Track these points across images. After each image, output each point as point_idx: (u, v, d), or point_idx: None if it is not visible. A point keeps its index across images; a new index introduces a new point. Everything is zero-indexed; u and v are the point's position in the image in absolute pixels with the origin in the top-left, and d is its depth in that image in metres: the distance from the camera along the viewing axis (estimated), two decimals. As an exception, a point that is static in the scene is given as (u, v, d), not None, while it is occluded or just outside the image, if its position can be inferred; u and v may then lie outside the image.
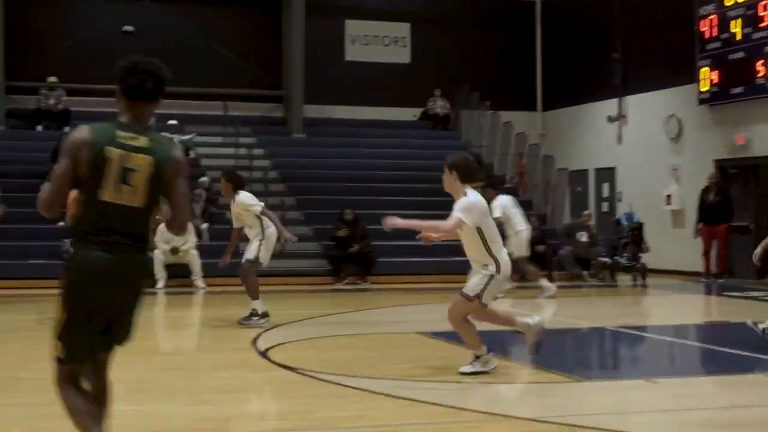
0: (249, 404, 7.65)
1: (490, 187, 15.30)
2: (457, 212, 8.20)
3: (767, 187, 20.10)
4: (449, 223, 8.25)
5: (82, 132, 4.61)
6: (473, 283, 8.25)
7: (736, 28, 20.18)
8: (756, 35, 19.69)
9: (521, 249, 15.38)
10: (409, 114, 26.74)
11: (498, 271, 8.22)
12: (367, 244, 19.17)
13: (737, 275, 19.84)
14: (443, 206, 16.21)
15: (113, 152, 4.57)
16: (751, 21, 19.80)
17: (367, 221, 19.63)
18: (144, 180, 4.64)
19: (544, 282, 16.19)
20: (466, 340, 8.44)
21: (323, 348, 10.62)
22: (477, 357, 8.27)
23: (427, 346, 10.60)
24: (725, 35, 20.48)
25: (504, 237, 14.88)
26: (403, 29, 27.20)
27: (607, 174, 24.40)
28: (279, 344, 10.51)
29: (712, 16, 20.86)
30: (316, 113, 25.85)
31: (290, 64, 25.47)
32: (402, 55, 27.16)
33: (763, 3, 19.51)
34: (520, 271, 15.80)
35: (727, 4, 20.43)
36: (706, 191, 20.09)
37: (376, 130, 25.99)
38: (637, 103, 23.68)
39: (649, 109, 23.14)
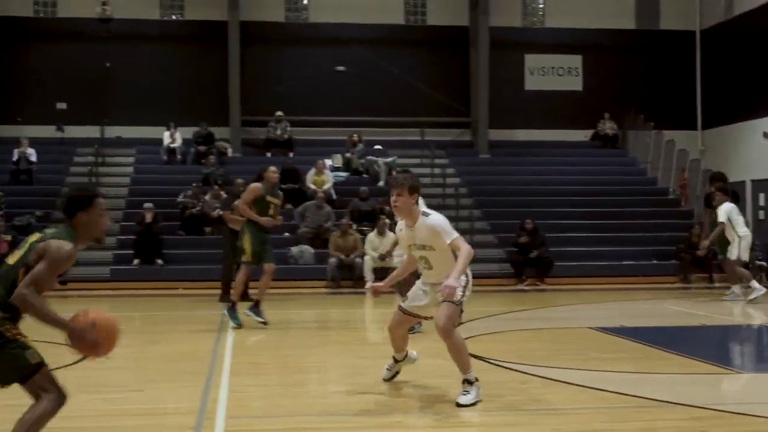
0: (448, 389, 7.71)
1: (722, 192, 14.89)
2: (450, 234, 6.79)
3: None
4: (464, 247, 6.75)
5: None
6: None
7: None
8: None
9: (744, 253, 14.86)
10: (582, 135, 26.52)
11: (467, 280, 7.00)
12: (545, 250, 19.14)
13: None
14: (610, 216, 16.07)
15: None
16: None
17: (545, 230, 19.62)
18: None
19: (753, 283, 14.83)
20: (460, 359, 6.81)
21: (507, 340, 10.67)
22: (470, 382, 6.74)
23: (599, 340, 10.53)
24: None
25: (727, 242, 14.72)
26: (575, 61, 27.04)
27: (763, 185, 23.46)
28: (470, 337, 10.61)
29: None
30: (500, 136, 25.96)
31: (477, 93, 25.72)
32: (575, 83, 26.99)
33: None
34: (737, 273, 15.08)
35: None
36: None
37: (552, 149, 25.81)
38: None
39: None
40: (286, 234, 19.95)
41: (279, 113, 24.42)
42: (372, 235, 18.70)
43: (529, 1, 27.22)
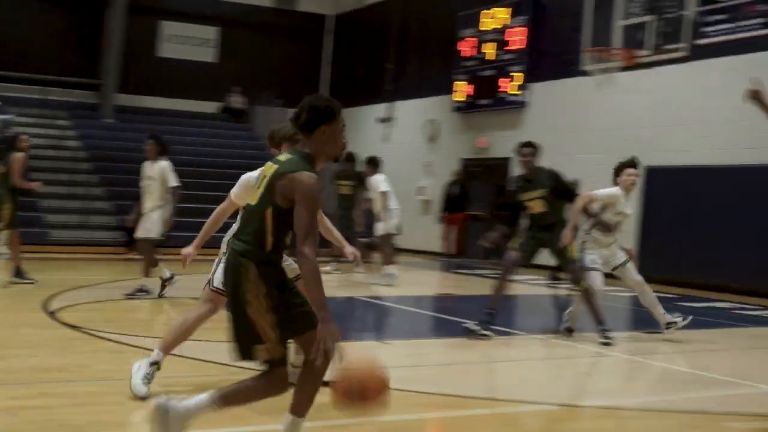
0: (34, 358, 7.32)
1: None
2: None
3: (501, 182, 20.98)
4: None
5: None
6: None
7: (489, 50, 20.96)
8: (503, 57, 20.50)
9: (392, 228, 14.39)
10: (212, 107, 26.64)
11: None
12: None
13: (471, 256, 20.56)
14: (224, 188, 16.24)
15: None
16: (501, 45, 20.60)
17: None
18: None
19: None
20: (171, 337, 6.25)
21: (107, 310, 10.42)
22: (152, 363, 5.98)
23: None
24: (480, 55, 21.23)
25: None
26: (212, 32, 26.98)
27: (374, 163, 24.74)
28: (69, 306, 10.29)
29: (469, 38, 21.58)
30: (129, 102, 25.30)
31: (108, 56, 24.82)
32: (209, 54, 26.96)
33: (509, 30, 20.36)
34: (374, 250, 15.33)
35: (483, 28, 21.17)
36: (450, 185, 20.82)
37: (181, 119, 25.61)
38: (404, 108, 24.26)
39: (412, 114, 23.74)
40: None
41: None
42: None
43: (167, -33, 26.80)
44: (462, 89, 21.60)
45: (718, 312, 12.50)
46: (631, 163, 9.23)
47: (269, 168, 4.31)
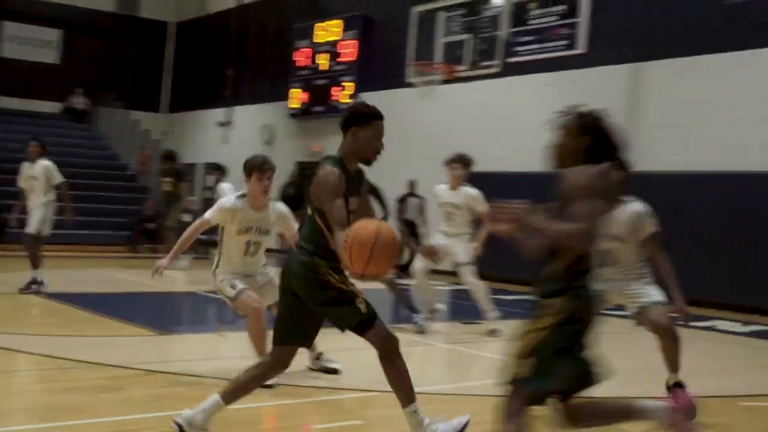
0: None
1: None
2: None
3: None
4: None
5: None
6: None
7: (322, 60, 20.90)
8: (336, 67, 20.49)
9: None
10: (54, 107, 25.50)
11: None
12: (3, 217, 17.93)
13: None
14: (71, 187, 15.45)
15: None
16: (334, 56, 20.59)
17: (5, 197, 18.42)
18: None
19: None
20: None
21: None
22: None
23: (41, 306, 10.03)
24: (314, 65, 21.15)
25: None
26: (54, 34, 25.87)
27: (214, 168, 24.29)
28: None
29: (304, 49, 21.47)
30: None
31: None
32: (51, 56, 25.84)
33: (343, 42, 20.37)
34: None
35: (317, 41, 21.10)
36: (286, 186, 20.61)
37: (23, 118, 24.34)
38: (243, 113, 23.91)
39: (251, 118, 23.41)
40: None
41: None
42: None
43: (9, -33, 25.49)
44: (297, 97, 21.46)
45: (528, 304, 12.76)
46: (455, 159, 9.30)
47: None
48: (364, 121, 4.53)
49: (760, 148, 12.74)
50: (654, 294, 5.72)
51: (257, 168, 6.22)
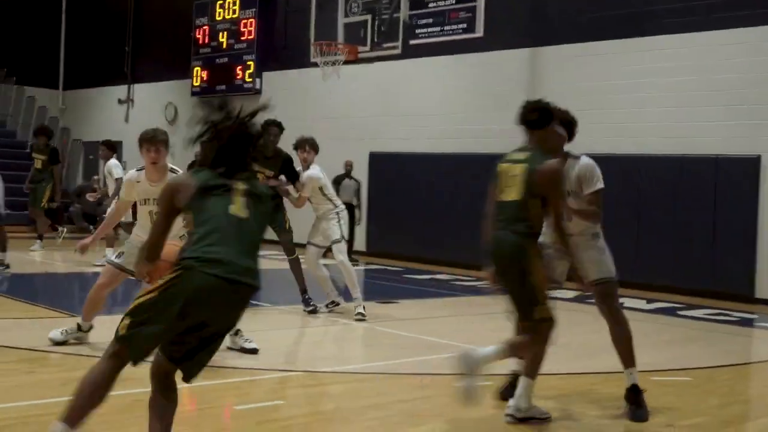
0: None
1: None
2: None
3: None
4: None
5: None
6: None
7: (223, 38, 20.71)
8: (238, 46, 20.34)
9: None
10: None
11: None
12: None
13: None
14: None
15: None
16: (235, 35, 20.42)
17: None
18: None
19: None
20: None
21: None
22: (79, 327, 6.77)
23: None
24: (215, 43, 20.93)
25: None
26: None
27: (113, 147, 23.81)
28: None
29: (205, 27, 21.21)
30: None
31: None
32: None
33: (243, 21, 20.21)
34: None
35: (218, 18, 20.88)
36: (192, 165, 20.39)
37: None
38: (144, 91, 23.50)
39: (153, 96, 23.03)
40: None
41: None
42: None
43: None
44: (199, 74, 21.22)
45: (439, 283, 13.05)
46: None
47: (512, 167, 4.90)
48: (551, 119, 5.14)
49: (655, 131, 13.31)
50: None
51: (143, 141, 6.43)
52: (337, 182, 14.99)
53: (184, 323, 3.42)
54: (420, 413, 5.25)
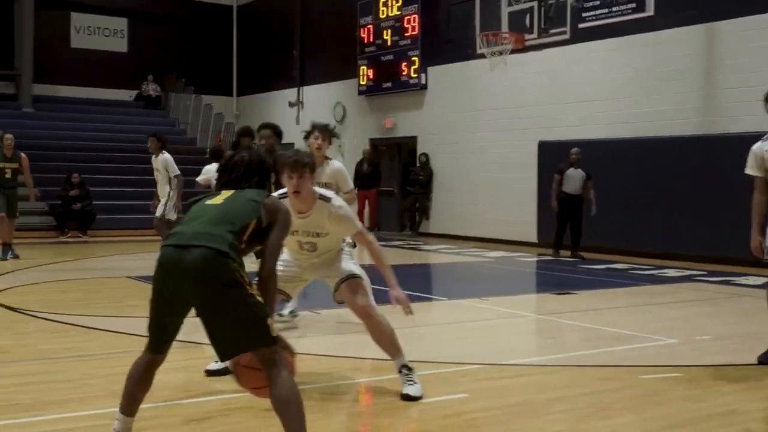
0: None
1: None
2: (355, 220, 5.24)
3: (407, 159, 21.00)
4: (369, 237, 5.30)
5: None
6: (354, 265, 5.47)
7: (387, 36, 20.89)
8: (402, 42, 20.47)
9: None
10: (126, 95, 25.97)
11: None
12: (89, 203, 18.46)
13: (384, 229, 20.63)
14: (146, 172, 15.63)
15: None
16: (399, 31, 20.56)
17: (90, 184, 18.94)
18: None
19: None
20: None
21: (44, 291, 10.08)
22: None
23: (135, 288, 10.34)
24: (379, 41, 21.15)
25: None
26: (121, 23, 26.30)
27: (286, 148, 24.51)
28: (6, 288, 9.92)
29: (369, 26, 21.46)
30: (45, 91, 24.52)
31: (21, 47, 23.92)
32: (120, 44, 26.25)
33: (406, 17, 20.32)
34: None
35: (381, 17, 21.09)
36: (361, 163, 20.73)
37: (97, 107, 24.83)
38: (313, 92, 24.05)
39: (321, 97, 23.54)
40: None
41: None
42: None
43: (77, -40, 25.98)
44: (365, 73, 21.51)
45: (617, 273, 12.65)
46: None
47: None
48: None
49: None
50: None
51: (284, 166, 4.95)
52: (560, 172, 14.55)
53: (164, 304, 3.76)
54: (609, 406, 5.06)
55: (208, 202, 3.97)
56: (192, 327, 4.08)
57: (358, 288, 5.26)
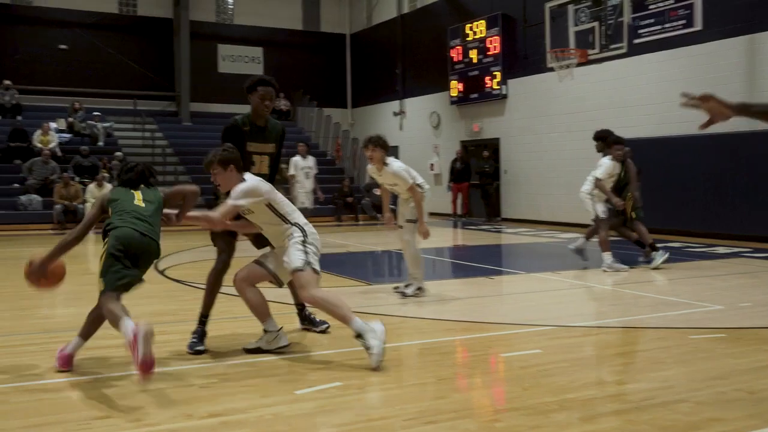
0: (151, 306, 7.29)
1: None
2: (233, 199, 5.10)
3: (492, 158, 20.86)
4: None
5: None
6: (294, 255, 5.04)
7: (473, 55, 20.78)
8: (486, 60, 20.32)
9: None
10: (263, 109, 26.58)
11: (305, 235, 5.12)
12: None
13: (474, 215, 20.58)
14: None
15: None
16: (483, 51, 20.42)
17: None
18: None
19: None
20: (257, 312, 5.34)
21: (203, 267, 10.37)
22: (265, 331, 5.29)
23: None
24: (467, 59, 21.05)
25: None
26: (257, 51, 26.87)
27: (393, 151, 24.66)
28: (174, 265, 10.33)
29: (458, 47, 21.38)
30: (200, 108, 25.30)
31: (179, 73, 24.78)
32: (257, 69, 26.85)
33: (489, 38, 20.15)
34: None
35: (468, 39, 20.98)
36: (454, 161, 20.69)
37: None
38: (412, 103, 24.10)
39: (419, 107, 23.57)
40: (15, 185, 18.35)
41: (7, 82, 22.07)
42: (92, 186, 17.56)
43: (221, 2, 26.61)
44: (455, 86, 21.45)
45: (672, 250, 12.29)
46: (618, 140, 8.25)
47: None
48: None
49: None
50: None
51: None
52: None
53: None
54: (661, 360, 5.00)
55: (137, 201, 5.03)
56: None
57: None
